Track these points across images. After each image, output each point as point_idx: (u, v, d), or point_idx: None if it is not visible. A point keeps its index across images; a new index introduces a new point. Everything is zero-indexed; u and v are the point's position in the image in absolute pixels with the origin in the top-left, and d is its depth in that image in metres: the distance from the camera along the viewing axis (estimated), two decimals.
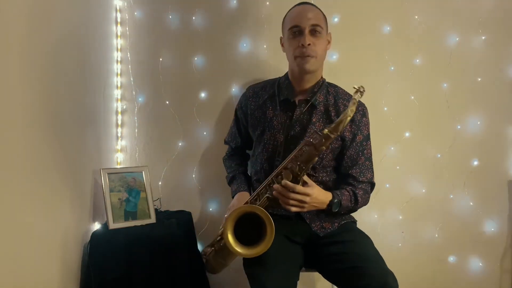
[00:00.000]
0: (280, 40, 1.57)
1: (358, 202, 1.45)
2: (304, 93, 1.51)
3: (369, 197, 1.52)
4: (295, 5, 1.51)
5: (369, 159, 1.53)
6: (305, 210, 1.33)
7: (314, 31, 1.42)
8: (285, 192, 1.29)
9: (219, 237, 1.49)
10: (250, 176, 1.68)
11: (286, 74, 1.58)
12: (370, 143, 1.54)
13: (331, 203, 1.37)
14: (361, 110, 1.52)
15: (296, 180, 1.31)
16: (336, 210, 1.38)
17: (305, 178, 1.33)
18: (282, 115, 1.51)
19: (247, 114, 1.61)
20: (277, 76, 1.65)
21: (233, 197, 1.57)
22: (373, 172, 1.54)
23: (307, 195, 1.30)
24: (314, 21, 1.41)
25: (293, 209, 1.31)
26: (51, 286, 1.32)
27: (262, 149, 1.54)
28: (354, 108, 1.25)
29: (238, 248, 1.28)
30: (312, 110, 1.50)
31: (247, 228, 1.30)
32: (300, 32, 1.42)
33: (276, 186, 1.31)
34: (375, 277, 1.23)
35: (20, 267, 1.13)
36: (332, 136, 1.27)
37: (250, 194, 1.51)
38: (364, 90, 1.28)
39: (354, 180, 1.49)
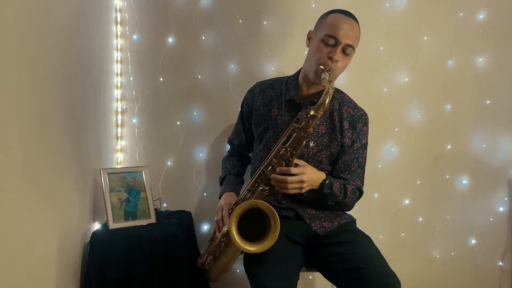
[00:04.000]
0: (309, 33, 1.51)
1: (346, 196, 1.45)
2: (310, 95, 1.51)
3: (354, 202, 1.52)
4: (340, 11, 1.43)
5: (362, 167, 1.54)
6: (303, 190, 1.35)
7: (346, 50, 1.40)
8: (283, 178, 1.31)
9: (219, 242, 1.45)
10: (242, 178, 1.69)
11: (296, 73, 1.57)
12: (366, 153, 1.55)
13: (323, 182, 1.39)
14: (364, 119, 1.53)
15: (287, 165, 1.34)
16: (327, 192, 1.39)
17: (296, 160, 1.36)
18: (286, 114, 1.51)
19: (252, 110, 1.60)
20: (278, 77, 1.65)
21: (220, 198, 1.57)
22: (363, 181, 1.54)
23: (303, 174, 1.33)
24: (351, 42, 1.39)
25: (292, 191, 1.33)
26: (51, 286, 1.32)
27: (264, 147, 1.54)
28: (333, 85, 1.31)
29: (247, 246, 1.28)
30: None
31: (247, 224, 1.30)
32: (334, 44, 1.39)
33: (273, 175, 1.33)
34: (378, 278, 1.22)
35: (20, 267, 1.13)
36: (318, 115, 1.29)
37: (238, 195, 1.52)
38: (329, 70, 1.34)
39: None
